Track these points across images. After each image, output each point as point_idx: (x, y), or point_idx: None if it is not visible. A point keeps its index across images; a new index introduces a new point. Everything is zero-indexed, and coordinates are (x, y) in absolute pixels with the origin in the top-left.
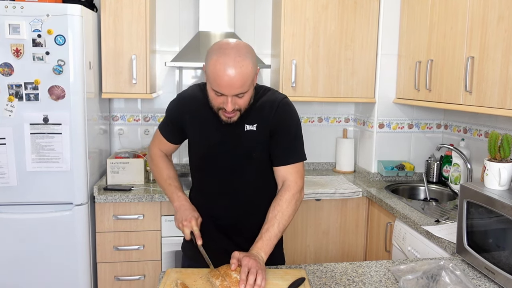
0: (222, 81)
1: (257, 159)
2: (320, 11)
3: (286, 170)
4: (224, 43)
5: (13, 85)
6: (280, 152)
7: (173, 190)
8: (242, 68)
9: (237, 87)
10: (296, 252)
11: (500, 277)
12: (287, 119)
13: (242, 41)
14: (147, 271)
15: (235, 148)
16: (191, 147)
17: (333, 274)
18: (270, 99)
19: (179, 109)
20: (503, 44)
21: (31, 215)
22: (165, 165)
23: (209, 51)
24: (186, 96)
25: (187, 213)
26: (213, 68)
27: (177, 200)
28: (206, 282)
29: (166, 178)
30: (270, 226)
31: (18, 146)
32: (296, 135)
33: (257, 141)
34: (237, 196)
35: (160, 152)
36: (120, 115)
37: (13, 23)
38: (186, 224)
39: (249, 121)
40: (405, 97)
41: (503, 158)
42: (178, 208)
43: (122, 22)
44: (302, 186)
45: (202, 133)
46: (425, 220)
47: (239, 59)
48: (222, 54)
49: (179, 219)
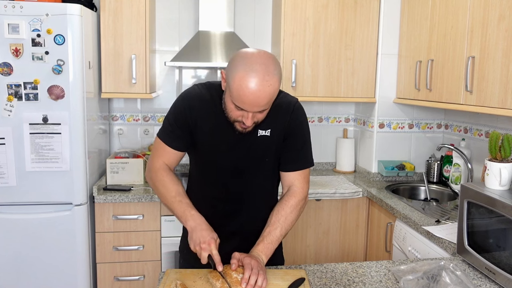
0: (247, 99)
1: (268, 164)
2: (320, 10)
3: (294, 176)
4: (251, 56)
5: (12, 85)
6: (290, 157)
7: (185, 208)
8: (270, 87)
9: (262, 106)
10: (296, 252)
11: (500, 277)
12: (302, 124)
13: (268, 53)
14: (146, 272)
15: (247, 153)
16: (196, 151)
17: (333, 274)
18: (284, 103)
19: (187, 109)
20: (504, 44)
21: (30, 215)
22: (171, 180)
23: (233, 61)
24: (193, 95)
25: (205, 234)
26: (239, 84)
27: (192, 219)
28: (206, 282)
29: (175, 195)
30: (272, 229)
31: (18, 146)
32: (307, 141)
33: (270, 146)
34: (244, 200)
35: (164, 165)
36: (120, 115)
37: (12, 23)
38: (204, 247)
39: (263, 126)
40: (406, 97)
41: (503, 158)
42: (194, 228)
43: (122, 21)
44: (307, 192)
45: (213, 136)
46: (426, 220)
47: (268, 78)
48: (250, 70)
49: (196, 241)
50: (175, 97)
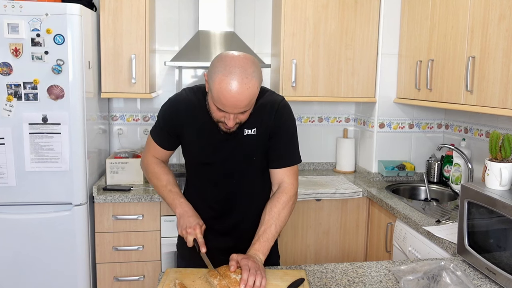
0: (227, 102)
1: (257, 162)
2: (320, 10)
3: (283, 173)
4: (229, 59)
5: (12, 85)
6: (278, 154)
7: (174, 197)
8: (248, 89)
9: (242, 107)
10: (296, 253)
11: (501, 277)
12: (287, 121)
13: (247, 55)
14: (146, 272)
15: (235, 152)
16: (187, 153)
17: (333, 274)
18: (269, 101)
19: (174, 114)
20: (504, 44)
21: (30, 216)
22: (162, 170)
23: (214, 64)
24: (179, 100)
25: (191, 220)
26: (218, 87)
27: (179, 207)
28: (205, 282)
29: (166, 184)
30: (267, 227)
31: (17, 146)
32: (293, 137)
33: (257, 144)
34: (237, 199)
35: (155, 159)
36: (120, 115)
37: (12, 22)
38: (190, 231)
39: (248, 125)
40: (406, 96)
41: (504, 158)
42: (181, 214)
43: (122, 21)
44: (297, 188)
45: (199, 138)
46: (426, 221)
47: (246, 81)
48: (229, 73)
49: (182, 226)
50: None
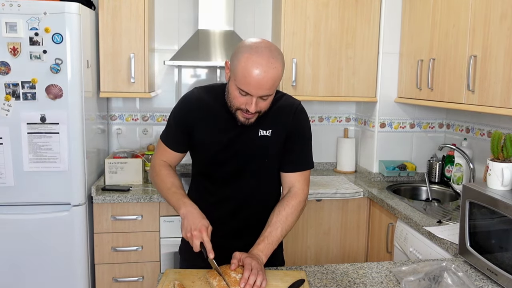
0: (252, 80)
1: (268, 164)
2: (320, 9)
3: (295, 177)
4: (256, 42)
5: (10, 84)
6: (291, 158)
7: (179, 197)
8: (274, 69)
9: (266, 89)
10: (296, 253)
11: (503, 278)
12: (304, 126)
13: (271, 42)
14: (145, 273)
15: (247, 152)
16: (196, 152)
17: (334, 275)
18: (287, 104)
19: (187, 112)
20: (506, 43)
21: (28, 216)
22: (168, 173)
23: (238, 48)
24: (191, 98)
25: (197, 221)
26: (244, 66)
27: (184, 207)
28: (205, 283)
29: (170, 186)
30: (273, 229)
31: (15, 146)
32: (308, 143)
33: (270, 146)
34: (246, 200)
35: (163, 162)
36: (118, 115)
37: (10, 21)
38: (196, 234)
39: (264, 126)
40: (407, 96)
41: (506, 158)
42: (186, 215)
43: (121, 20)
44: (307, 194)
45: (212, 136)
46: (427, 221)
47: (273, 60)
48: (255, 52)
49: (187, 228)
50: (174, 96)
